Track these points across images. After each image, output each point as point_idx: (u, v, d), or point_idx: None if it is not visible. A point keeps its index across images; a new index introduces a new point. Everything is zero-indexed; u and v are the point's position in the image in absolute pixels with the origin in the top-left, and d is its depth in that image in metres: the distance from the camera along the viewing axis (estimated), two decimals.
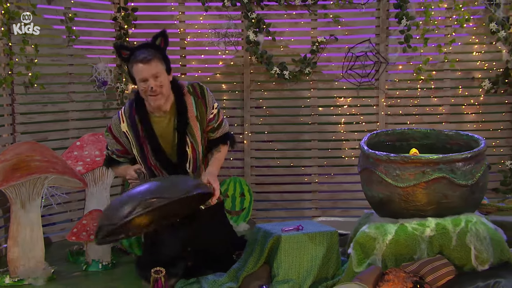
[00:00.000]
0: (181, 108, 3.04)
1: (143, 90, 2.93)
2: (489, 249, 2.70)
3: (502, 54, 4.68)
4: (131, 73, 2.99)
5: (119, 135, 3.06)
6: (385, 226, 2.83)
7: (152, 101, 2.94)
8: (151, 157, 3.04)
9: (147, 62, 2.89)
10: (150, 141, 3.02)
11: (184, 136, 3.04)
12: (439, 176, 2.74)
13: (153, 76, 2.90)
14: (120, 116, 3.06)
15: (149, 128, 3.01)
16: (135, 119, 3.02)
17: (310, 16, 4.75)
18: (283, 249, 2.93)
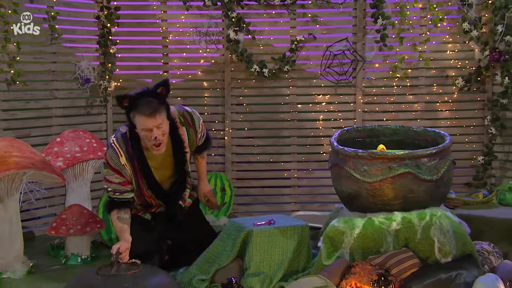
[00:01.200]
0: (178, 144, 3.06)
1: (146, 138, 2.90)
2: (451, 242, 2.71)
3: (474, 53, 4.69)
4: (132, 121, 2.91)
5: (120, 168, 3.00)
6: (353, 220, 2.83)
7: (155, 151, 2.93)
8: (146, 190, 3.09)
9: (152, 115, 2.84)
10: (146, 176, 3.03)
11: (182, 167, 3.11)
12: (405, 172, 2.75)
13: (155, 126, 2.86)
14: (117, 151, 2.98)
15: (145, 165, 3.01)
16: (131, 154, 2.99)
17: (289, 16, 4.74)
18: (255, 243, 2.93)
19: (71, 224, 3.43)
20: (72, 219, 3.45)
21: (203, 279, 2.92)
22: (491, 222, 3.15)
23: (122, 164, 2.99)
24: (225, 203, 4.71)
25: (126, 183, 3.04)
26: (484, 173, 4.72)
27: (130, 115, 2.91)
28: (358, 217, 2.85)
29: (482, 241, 3.05)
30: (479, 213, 3.23)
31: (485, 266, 2.83)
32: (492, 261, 2.86)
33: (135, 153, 2.98)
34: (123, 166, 3.00)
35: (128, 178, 3.04)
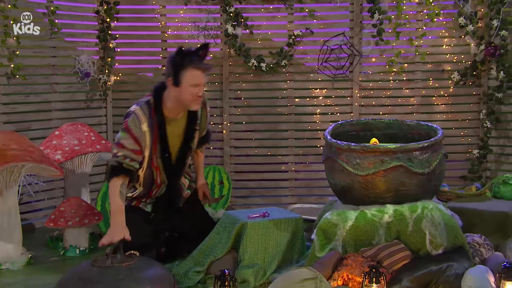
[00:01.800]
0: (192, 120, 3.17)
1: (191, 93, 2.97)
2: (443, 234, 2.70)
3: (470, 48, 4.66)
4: (180, 75, 2.97)
5: (138, 134, 3.00)
6: (346, 213, 2.82)
7: (194, 105, 3.03)
8: (157, 158, 3.11)
9: (204, 70, 3.01)
10: (161, 142, 3.08)
11: (190, 142, 3.18)
12: (397, 165, 2.73)
13: (203, 84, 3.02)
14: (140, 117, 3.01)
15: (164, 131, 3.07)
16: (153, 121, 3.03)
17: (286, 10, 4.71)
18: (249, 235, 2.93)
19: (69, 216, 3.43)
20: (71, 212, 3.45)
21: (199, 271, 2.93)
22: (483, 215, 3.14)
23: (142, 131, 3.01)
24: (223, 195, 4.71)
25: (139, 153, 3.02)
26: (479, 166, 4.70)
27: (180, 71, 2.96)
28: (351, 210, 2.84)
29: (474, 233, 3.04)
30: (471, 206, 3.22)
31: (476, 258, 2.83)
32: (483, 253, 2.85)
33: (157, 117, 3.03)
34: (143, 134, 3.01)
35: (143, 148, 3.03)
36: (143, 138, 3.02)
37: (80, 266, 2.67)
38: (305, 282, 2.19)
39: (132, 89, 4.86)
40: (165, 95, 3.06)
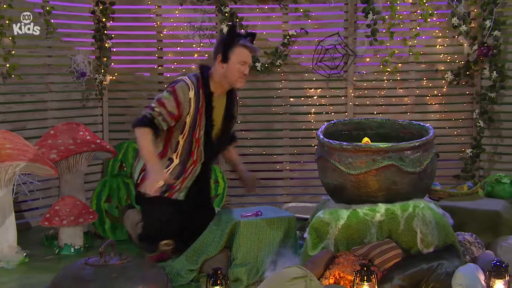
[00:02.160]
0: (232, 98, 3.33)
1: (238, 71, 3.15)
2: (434, 233, 2.70)
3: (463, 48, 4.67)
4: (229, 52, 3.15)
5: (184, 100, 3.09)
6: (338, 212, 2.82)
7: (238, 83, 3.20)
8: (200, 130, 3.17)
9: (252, 51, 3.21)
10: (207, 115, 3.17)
11: (231, 119, 3.32)
12: (389, 164, 2.73)
13: (249, 63, 3.21)
14: (189, 84, 3.14)
15: (210, 103, 3.18)
16: (199, 92, 3.15)
17: (281, 10, 4.71)
18: (242, 234, 2.93)
19: (64, 215, 3.43)
20: (65, 210, 3.45)
21: (192, 270, 2.93)
22: (474, 214, 3.15)
23: (188, 98, 3.11)
24: (218, 194, 4.71)
25: (174, 117, 3.10)
26: (472, 166, 4.71)
27: (230, 48, 3.14)
28: (343, 209, 2.84)
29: (465, 232, 3.04)
30: (463, 205, 3.22)
31: (467, 257, 2.83)
32: (474, 251, 2.85)
33: (204, 89, 3.16)
34: (188, 100, 3.11)
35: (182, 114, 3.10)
36: (187, 104, 3.10)
37: (74, 265, 2.67)
38: (294, 280, 2.19)
39: (128, 88, 4.86)
40: (211, 72, 3.21)
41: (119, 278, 2.51)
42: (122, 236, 3.84)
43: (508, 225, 3.05)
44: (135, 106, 4.84)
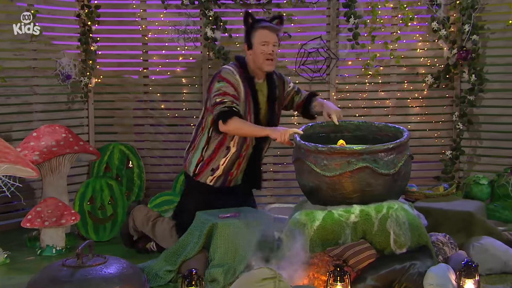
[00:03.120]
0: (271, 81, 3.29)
1: (262, 53, 3.12)
2: (407, 233, 2.71)
3: (443, 51, 4.69)
4: (251, 38, 3.17)
5: (235, 81, 3.13)
6: (314, 213, 2.82)
7: (266, 65, 3.15)
8: (250, 115, 3.19)
9: (273, 30, 3.16)
10: (254, 100, 3.19)
11: (274, 104, 3.29)
12: (363, 166, 2.74)
13: (273, 43, 3.14)
14: (233, 69, 3.17)
15: (254, 89, 3.20)
16: (242, 78, 3.17)
17: (264, 14, 4.70)
18: (220, 235, 2.92)
19: (46, 216, 3.41)
20: (47, 212, 3.43)
21: (170, 270, 2.92)
22: (448, 214, 3.16)
23: (237, 80, 3.14)
24: None
25: (238, 99, 3.12)
26: (452, 167, 4.73)
27: (251, 32, 3.16)
28: (318, 210, 2.84)
29: (440, 232, 3.05)
30: (438, 206, 3.23)
31: (440, 257, 2.84)
32: (447, 251, 2.86)
33: (246, 76, 3.17)
34: (239, 82, 3.14)
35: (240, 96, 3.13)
36: (239, 86, 3.15)
37: (51, 266, 2.65)
38: (264, 281, 2.19)
39: (114, 91, 4.85)
40: (246, 60, 3.23)
41: (96, 279, 2.50)
42: (105, 236, 3.83)
43: (481, 225, 3.06)
44: (121, 108, 4.83)
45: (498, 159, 4.58)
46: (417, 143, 4.80)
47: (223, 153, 3.25)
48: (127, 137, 4.83)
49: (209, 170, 3.28)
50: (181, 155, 4.83)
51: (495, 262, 2.83)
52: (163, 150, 4.86)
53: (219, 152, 3.24)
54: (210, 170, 3.27)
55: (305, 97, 3.43)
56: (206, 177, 3.29)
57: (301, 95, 3.44)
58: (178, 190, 4.69)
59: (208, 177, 3.28)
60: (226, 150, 3.25)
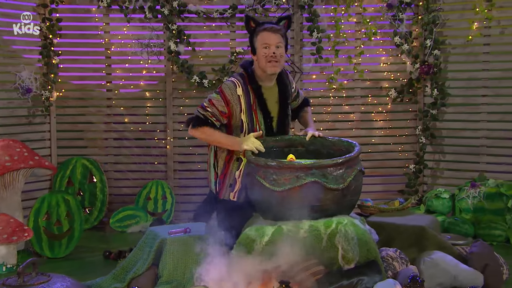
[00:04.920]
0: (283, 81, 3.17)
1: (264, 55, 3.01)
2: (355, 249, 2.69)
3: (406, 66, 4.74)
4: (254, 42, 3.08)
5: (232, 98, 3.03)
6: (264, 228, 2.79)
7: (269, 67, 3.02)
8: (260, 125, 3.09)
9: (275, 31, 3.04)
10: (263, 109, 3.08)
11: (286, 107, 3.17)
12: (312, 181, 2.72)
13: (275, 44, 3.01)
14: (235, 82, 3.06)
15: (261, 97, 3.08)
16: (248, 88, 3.07)
17: (228, 28, 4.73)
18: (169, 251, 2.88)
19: None
20: None
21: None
22: (401, 229, 3.15)
23: (237, 95, 3.03)
24: (166, 210, 4.67)
25: (225, 116, 3.04)
26: (416, 181, 4.75)
27: (253, 37, 3.06)
28: (268, 225, 2.82)
29: (393, 247, 3.05)
30: (391, 220, 3.23)
31: (389, 272, 2.83)
32: (396, 267, 2.85)
33: (252, 85, 3.07)
34: (237, 97, 3.03)
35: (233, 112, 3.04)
36: (236, 102, 3.03)
37: None
38: None
39: (76, 104, 4.81)
40: (254, 68, 3.13)
41: None
42: (60, 253, 3.77)
43: (433, 240, 3.06)
44: (84, 122, 4.79)
45: (461, 173, 4.62)
46: (381, 157, 4.83)
47: (235, 165, 3.11)
48: (90, 151, 4.79)
49: (227, 186, 3.10)
50: (145, 169, 4.83)
51: (445, 276, 2.83)
52: (126, 164, 4.82)
53: (230, 165, 3.09)
54: (228, 186, 3.09)
55: (298, 104, 3.37)
56: (227, 193, 3.10)
57: (298, 101, 3.37)
58: (140, 205, 4.65)
59: (229, 193, 3.09)
60: (237, 161, 3.12)
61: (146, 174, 4.81)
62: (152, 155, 4.82)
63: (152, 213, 4.64)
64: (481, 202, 4.13)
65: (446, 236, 3.94)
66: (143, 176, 4.81)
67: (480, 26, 4.48)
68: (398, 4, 4.61)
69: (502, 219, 4.05)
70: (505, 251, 3.84)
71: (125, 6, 4.62)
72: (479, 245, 2.99)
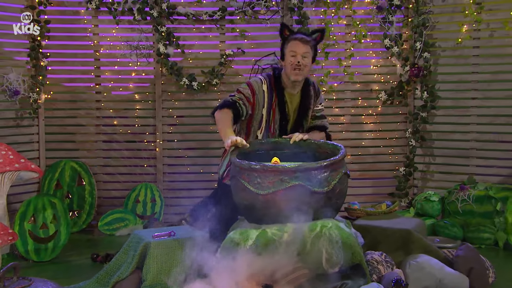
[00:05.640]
0: (307, 93, 3.34)
1: (290, 63, 3.19)
2: (339, 252, 2.68)
3: (396, 68, 4.73)
4: (284, 49, 3.26)
5: (258, 91, 3.22)
6: (248, 232, 2.79)
7: (293, 75, 3.20)
8: (275, 123, 3.25)
9: (304, 42, 3.21)
10: (281, 110, 3.24)
11: (303, 117, 3.32)
12: (296, 184, 2.71)
13: (302, 54, 3.18)
14: (262, 79, 3.26)
15: (283, 99, 3.25)
16: (272, 88, 3.25)
17: (218, 30, 4.72)
18: (152, 254, 2.87)
19: None
20: None
21: None
22: (387, 232, 3.14)
23: (262, 90, 3.23)
24: (155, 213, 4.65)
25: (251, 103, 3.21)
26: (406, 184, 4.75)
27: (284, 44, 3.25)
28: (253, 229, 2.81)
29: (379, 250, 3.04)
30: (378, 224, 3.22)
31: (374, 275, 2.82)
32: (381, 270, 2.84)
33: (276, 85, 3.25)
34: (262, 92, 3.23)
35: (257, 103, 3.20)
36: (261, 95, 3.22)
37: None
38: None
39: (65, 107, 4.79)
40: (282, 73, 3.30)
41: None
42: (46, 256, 3.74)
43: (419, 243, 3.05)
44: (72, 124, 4.77)
45: (451, 176, 4.62)
46: (371, 160, 4.82)
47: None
48: (79, 154, 4.77)
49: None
50: (134, 171, 4.82)
51: (430, 279, 2.82)
52: (115, 167, 4.80)
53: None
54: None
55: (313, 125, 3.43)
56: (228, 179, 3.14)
57: (316, 122, 3.45)
58: (129, 208, 4.63)
59: None
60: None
61: (135, 177, 4.79)
62: (141, 158, 4.80)
63: (141, 216, 4.62)
64: (470, 205, 4.13)
65: (435, 239, 3.95)
66: (132, 179, 4.79)
67: (469, 29, 4.48)
68: (388, 6, 4.62)
69: (491, 222, 4.05)
70: (493, 254, 3.84)
71: (114, 8, 4.60)
72: (465, 249, 2.98)
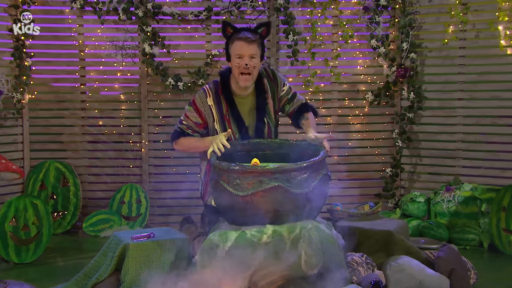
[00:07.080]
0: (261, 89, 3.15)
1: (236, 66, 3.00)
2: (318, 254, 2.67)
3: (383, 69, 4.73)
4: (229, 50, 3.07)
5: (204, 108, 3.09)
6: (227, 233, 2.77)
7: (242, 81, 3.03)
8: (234, 134, 3.12)
9: (249, 42, 3.01)
10: (236, 119, 3.09)
11: (263, 115, 3.15)
12: (275, 185, 2.70)
13: (249, 55, 3.00)
14: (206, 92, 3.11)
15: (234, 107, 3.09)
16: (220, 97, 3.09)
17: (203, 30, 4.70)
18: (131, 256, 2.85)
19: None
20: None
21: None
22: (369, 233, 3.13)
23: (208, 105, 3.09)
24: (140, 214, 4.63)
25: (201, 126, 3.13)
26: (392, 185, 4.75)
27: (229, 44, 3.05)
28: (232, 230, 2.79)
29: (361, 252, 3.03)
30: (360, 225, 3.21)
31: (354, 277, 2.81)
32: (361, 272, 2.83)
33: (225, 94, 3.08)
34: (209, 107, 3.09)
35: (207, 122, 3.11)
36: (208, 111, 3.10)
37: None
38: None
39: (50, 107, 4.76)
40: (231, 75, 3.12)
41: None
42: (28, 258, 3.72)
43: (401, 245, 3.04)
44: (57, 125, 4.75)
45: (437, 177, 4.62)
46: (358, 160, 4.82)
47: None
48: (64, 155, 4.74)
49: (209, 192, 3.13)
50: (120, 172, 4.79)
51: (410, 281, 2.82)
52: (100, 167, 4.78)
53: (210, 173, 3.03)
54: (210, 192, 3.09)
55: (295, 108, 3.29)
56: (210, 199, 3.12)
57: (293, 104, 3.28)
58: (114, 209, 4.61)
59: (212, 199, 3.08)
60: None
61: (120, 178, 4.77)
62: (127, 158, 4.78)
63: (126, 217, 4.60)
64: (456, 206, 4.13)
65: (421, 240, 3.95)
66: (118, 180, 4.76)
67: (455, 30, 4.49)
68: (375, 7, 4.61)
69: (476, 223, 4.05)
70: (478, 255, 3.84)
71: (99, 8, 4.58)
72: (446, 250, 2.98)
